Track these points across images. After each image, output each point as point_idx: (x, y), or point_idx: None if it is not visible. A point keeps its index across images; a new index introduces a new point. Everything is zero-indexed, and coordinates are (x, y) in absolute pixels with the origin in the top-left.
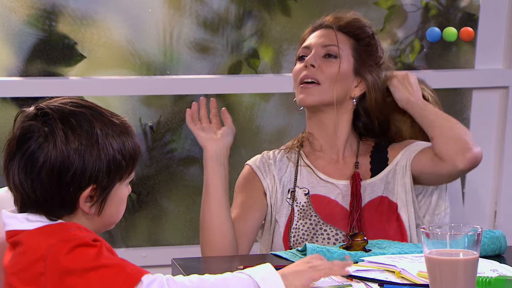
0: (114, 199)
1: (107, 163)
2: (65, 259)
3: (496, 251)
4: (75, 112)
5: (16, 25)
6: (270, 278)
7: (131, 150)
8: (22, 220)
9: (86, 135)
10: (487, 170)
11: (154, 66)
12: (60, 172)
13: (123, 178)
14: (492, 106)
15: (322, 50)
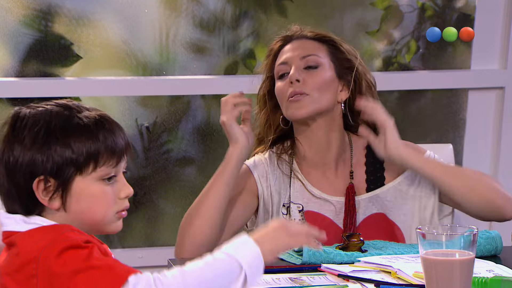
0: (80, 194)
1: (50, 155)
2: (55, 262)
3: (492, 252)
4: (35, 111)
5: (12, 26)
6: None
7: (88, 146)
8: (19, 221)
9: (30, 128)
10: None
11: (150, 67)
12: (7, 166)
13: (84, 172)
14: (488, 106)
15: (302, 62)
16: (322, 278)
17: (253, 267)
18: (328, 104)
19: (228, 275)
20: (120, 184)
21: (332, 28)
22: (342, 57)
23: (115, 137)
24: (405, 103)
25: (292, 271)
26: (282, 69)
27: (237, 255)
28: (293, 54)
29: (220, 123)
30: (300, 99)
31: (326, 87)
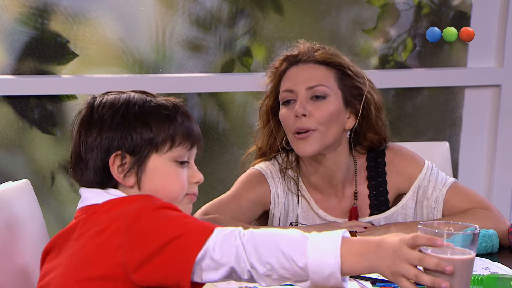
0: (154, 173)
1: (128, 133)
2: (148, 217)
3: (489, 250)
4: (122, 94)
5: (8, 23)
6: (325, 244)
7: (167, 126)
8: (103, 194)
9: (108, 110)
10: (479, 169)
11: (146, 64)
12: (87, 143)
13: (161, 150)
14: (485, 104)
15: (308, 93)
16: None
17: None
18: (335, 137)
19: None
20: (192, 170)
21: (328, 26)
22: (350, 84)
23: (190, 123)
24: (402, 101)
25: None
26: (287, 96)
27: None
28: (299, 82)
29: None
30: (306, 136)
31: (334, 119)
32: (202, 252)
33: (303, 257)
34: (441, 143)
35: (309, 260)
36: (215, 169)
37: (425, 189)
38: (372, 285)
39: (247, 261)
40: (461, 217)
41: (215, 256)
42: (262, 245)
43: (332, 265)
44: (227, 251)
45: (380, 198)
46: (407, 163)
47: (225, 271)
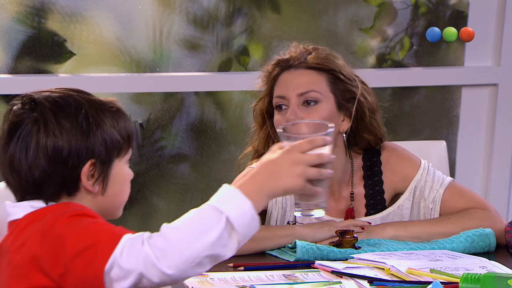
0: (116, 177)
1: (102, 137)
2: (62, 226)
3: (486, 248)
4: (62, 95)
5: (5, 22)
6: (228, 197)
7: (125, 127)
8: (27, 208)
9: (76, 113)
10: (476, 168)
11: (143, 63)
12: (55, 152)
13: (121, 154)
14: (482, 103)
15: (300, 99)
16: (316, 275)
17: (234, 207)
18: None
19: (207, 221)
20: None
21: (325, 24)
22: (343, 87)
23: (130, 121)
24: (399, 100)
25: (285, 268)
26: (279, 101)
27: (216, 202)
28: (290, 88)
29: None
30: None
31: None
32: (110, 262)
33: (221, 222)
34: (438, 142)
35: (230, 217)
36: (212, 168)
37: (421, 189)
38: (369, 284)
39: (157, 266)
40: (458, 217)
41: (123, 264)
42: (175, 245)
43: (248, 209)
44: (135, 257)
45: (376, 197)
46: (403, 163)
47: (134, 278)
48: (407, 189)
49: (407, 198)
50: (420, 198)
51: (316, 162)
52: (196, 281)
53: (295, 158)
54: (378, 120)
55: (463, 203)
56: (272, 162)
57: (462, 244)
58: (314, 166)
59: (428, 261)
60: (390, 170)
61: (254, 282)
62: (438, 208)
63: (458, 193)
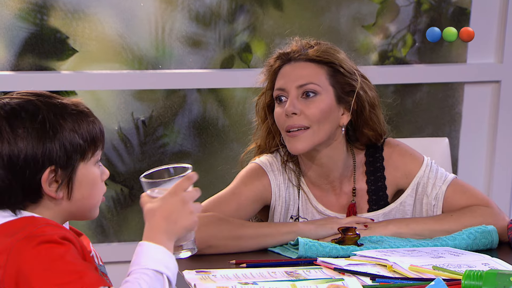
0: (83, 180)
1: (60, 143)
2: (29, 254)
3: (488, 245)
4: (20, 101)
5: (7, 19)
6: (160, 256)
7: (89, 129)
8: None
9: (31, 119)
10: (479, 165)
11: (146, 60)
12: (11, 160)
13: (86, 157)
14: (484, 100)
15: (299, 91)
16: (318, 272)
17: (167, 265)
18: (327, 134)
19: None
20: (102, 168)
21: (328, 21)
22: (343, 80)
23: (98, 120)
24: (401, 97)
25: (288, 265)
26: (279, 94)
27: (153, 264)
28: (290, 80)
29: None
30: (297, 134)
31: (326, 117)
32: None
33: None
34: (441, 139)
35: (169, 276)
36: (214, 165)
37: (424, 186)
38: (371, 281)
39: None
40: (460, 214)
41: None
42: None
43: (173, 262)
44: None
45: (378, 193)
46: (405, 159)
47: None
48: (409, 186)
49: (409, 195)
50: (423, 195)
51: (197, 197)
52: (199, 278)
53: (182, 198)
54: (379, 115)
55: (466, 200)
56: (164, 208)
57: (464, 241)
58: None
59: (431, 258)
60: (392, 166)
61: (257, 279)
62: (441, 204)
63: (460, 190)
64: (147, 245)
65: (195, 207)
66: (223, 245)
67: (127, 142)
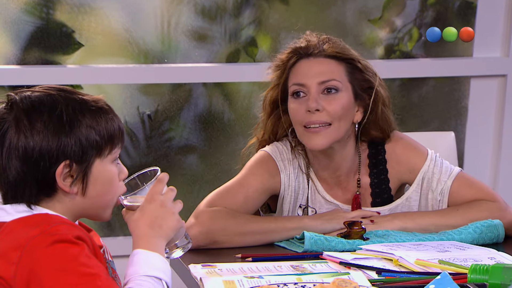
0: (98, 177)
1: (76, 138)
2: (43, 253)
3: (494, 240)
4: (40, 95)
5: (13, 13)
6: (156, 263)
7: (107, 127)
8: (11, 212)
9: (49, 113)
10: (485, 159)
11: (152, 54)
12: (26, 152)
13: (103, 154)
14: (490, 94)
15: (320, 87)
16: (324, 266)
17: (163, 270)
18: (346, 130)
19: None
20: (120, 167)
21: (334, 15)
22: (361, 77)
23: (119, 119)
24: (407, 91)
25: (293, 259)
26: (298, 89)
27: (152, 272)
28: (311, 76)
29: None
30: (319, 130)
31: (345, 113)
32: None
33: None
34: (447, 133)
35: (167, 282)
36: (220, 159)
37: (429, 181)
38: (377, 275)
39: None
40: (467, 208)
41: None
42: None
43: (167, 266)
44: None
45: (381, 186)
46: (409, 153)
47: None
48: (414, 181)
49: (415, 190)
50: (428, 190)
51: (174, 196)
52: (205, 272)
53: (160, 201)
54: (388, 116)
55: (472, 194)
56: (146, 216)
57: (470, 235)
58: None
59: (437, 252)
60: (395, 160)
61: (262, 273)
62: (446, 199)
63: (466, 184)
64: (142, 253)
65: (175, 207)
66: (229, 240)
67: (133, 136)
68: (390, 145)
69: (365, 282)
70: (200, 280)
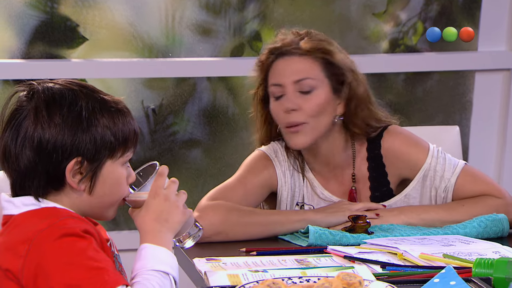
0: (106, 178)
1: (92, 136)
2: (51, 246)
3: (499, 234)
4: (62, 88)
5: (18, 7)
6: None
7: (123, 129)
8: (18, 205)
9: (69, 108)
10: (490, 153)
11: (156, 49)
12: (40, 143)
13: (115, 156)
14: (495, 88)
15: (296, 86)
16: (328, 260)
17: (170, 265)
18: (326, 126)
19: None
20: (129, 170)
21: (338, 9)
22: (337, 71)
23: (136, 123)
24: (412, 85)
25: (298, 253)
26: (276, 90)
27: (160, 267)
28: (285, 76)
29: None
30: (298, 130)
31: (323, 110)
32: None
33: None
34: (451, 127)
35: (175, 277)
36: (224, 153)
37: (432, 179)
38: (382, 269)
39: None
40: (472, 204)
41: None
42: None
43: (175, 261)
44: None
45: (379, 179)
46: (409, 149)
47: None
48: (415, 178)
49: (414, 187)
50: (431, 187)
51: (176, 188)
52: (209, 266)
53: (163, 195)
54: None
55: (477, 188)
56: (151, 212)
57: (475, 229)
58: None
59: (441, 246)
60: (393, 155)
61: (267, 267)
62: (450, 196)
63: (472, 179)
64: (150, 247)
65: (179, 199)
66: (232, 231)
67: None
68: (387, 140)
69: (369, 276)
70: (204, 274)
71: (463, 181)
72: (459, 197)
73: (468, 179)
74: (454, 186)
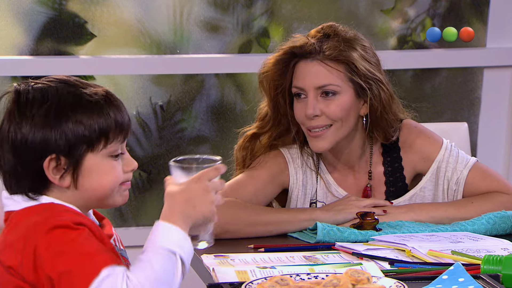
0: (91, 171)
1: (62, 132)
2: (42, 240)
3: (507, 230)
4: (37, 88)
5: (26, 4)
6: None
7: (99, 122)
8: (19, 201)
9: (38, 107)
10: (498, 150)
11: (164, 45)
12: (14, 144)
13: (96, 148)
14: (504, 84)
15: (318, 91)
16: (336, 256)
17: (182, 246)
18: (350, 127)
19: (170, 267)
20: (126, 159)
21: (346, 6)
22: (361, 79)
23: (122, 114)
24: (420, 81)
25: (306, 249)
26: (298, 91)
27: (166, 243)
28: (308, 81)
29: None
30: (320, 134)
31: (347, 113)
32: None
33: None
34: (460, 124)
35: (183, 258)
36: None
37: (444, 171)
38: (390, 266)
39: None
40: (482, 201)
41: None
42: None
43: (189, 244)
44: None
45: (395, 174)
46: (424, 142)
47: None
48: (429, 170)
49: (429, 180)
50: (443, 180)
51: (220, 189)
52: (217, 262)
53: (205, 186)
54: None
55: (487, 185)
56: (185, 191)
57: (483, 226)
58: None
59: (449, 243)
60: (409, 148)
61: (275, 263)
62: (462, 189)
63: (482, 175)
64: (162, 225)
65: (216, 198)
66: (240, 230)
67: (145, 127)
68: (403, 133)
69: (377, 272)
70: (212, 270)
71: (474, 176)
72: (469, 192)
73: (478, 175)
74: (465, 179)
